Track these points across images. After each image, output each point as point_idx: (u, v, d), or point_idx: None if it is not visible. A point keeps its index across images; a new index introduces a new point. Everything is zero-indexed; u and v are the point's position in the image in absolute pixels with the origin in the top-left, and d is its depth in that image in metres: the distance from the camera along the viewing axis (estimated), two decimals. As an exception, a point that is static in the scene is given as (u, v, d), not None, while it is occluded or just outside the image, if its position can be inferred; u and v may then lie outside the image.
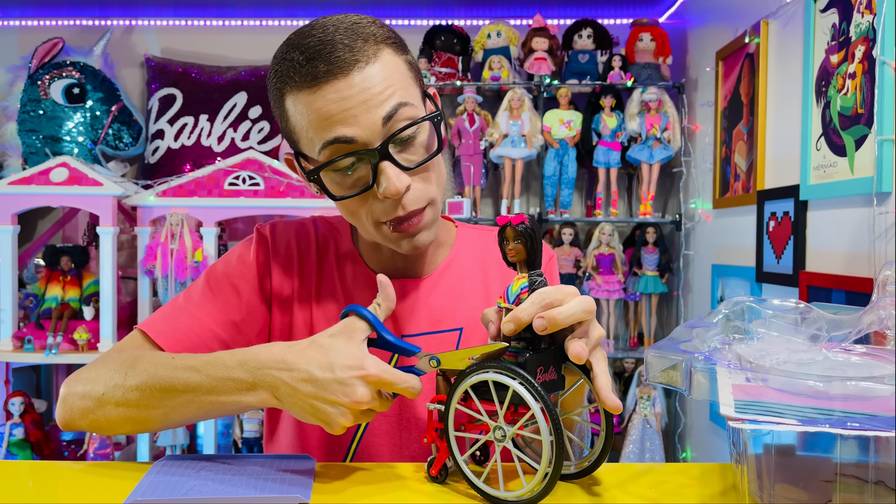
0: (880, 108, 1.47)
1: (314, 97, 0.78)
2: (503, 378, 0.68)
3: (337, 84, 0.78)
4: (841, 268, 1.66)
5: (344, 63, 0.78)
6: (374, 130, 0.78)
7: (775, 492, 0.64)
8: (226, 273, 0.95)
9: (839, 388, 0.57)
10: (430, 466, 0.76)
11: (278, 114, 0.85)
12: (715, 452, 2.46)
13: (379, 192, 0.80)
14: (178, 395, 0.78)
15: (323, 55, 0.78)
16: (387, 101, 0.79)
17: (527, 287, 0.71)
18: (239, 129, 2.90)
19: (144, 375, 0.80)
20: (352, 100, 0.78)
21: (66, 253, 2.66)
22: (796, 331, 0.70)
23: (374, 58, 0.79)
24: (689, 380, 0.64)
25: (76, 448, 2.74)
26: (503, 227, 0.72)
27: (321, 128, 0.79)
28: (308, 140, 0.81)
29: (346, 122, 0.78)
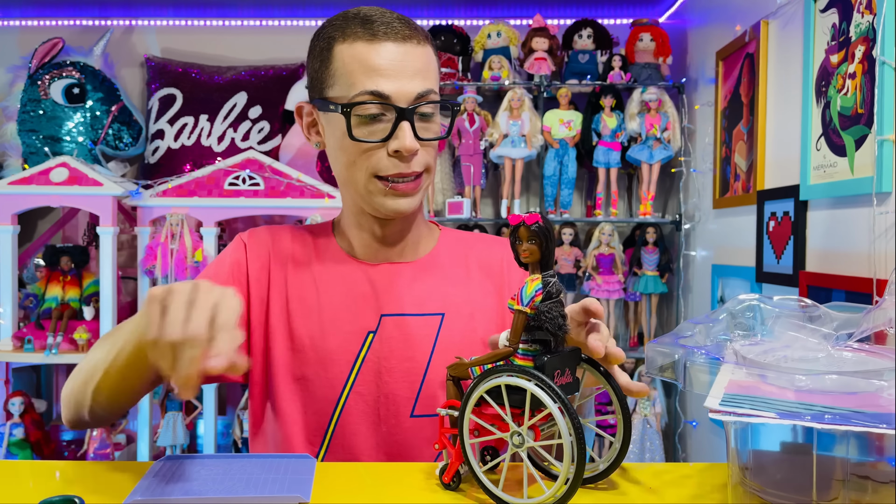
0: (880, 108, 1.47)
1: (368, 48, 0.90)
2: (518, 381, 0.66)
3: (391, 45, 0.90)
4: (841, 268, 1.66)
5: (401, 33, 0.91)
6: (407, 97, 0.90)
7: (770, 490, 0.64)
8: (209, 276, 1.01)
9: (818, 383, 0.57)
10: (443, 473, 0.75)
11: (318, 62, 0.95)
12: (715, 452, 2.46)
13: (392, 146, 0.90)
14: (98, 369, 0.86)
15: (382, 22, 0.91)
16: (423, 82, 0.91)
17: (541, 289, 0.68)
18: (239, 129, 2.90)
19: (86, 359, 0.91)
20: (399, 63, 0.90)
21: (66, 253, 2.66)
22: (809, 330, 0.70)
23: (422, 45, 0.93)
24: (685, 373, 0.64)
25: (76, 448, 2.74)
26: (516, 227, 0.70)
27: (366, 76, 0.89)
28: (347, 85, 0.91)
29: (388, 78, 0.89)
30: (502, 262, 1.07)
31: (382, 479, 0.78)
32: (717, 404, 0.56)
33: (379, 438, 0.97)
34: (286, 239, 1.05)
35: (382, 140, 0.91)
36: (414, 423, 0.97)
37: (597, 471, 0.74)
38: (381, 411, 0.97)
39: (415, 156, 0.92)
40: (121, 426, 2.69)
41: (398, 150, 0.90)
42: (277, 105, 2.91)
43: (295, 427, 0.98)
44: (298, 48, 3.04)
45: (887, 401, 0.54)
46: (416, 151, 0.92)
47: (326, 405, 0.97)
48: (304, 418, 0.98)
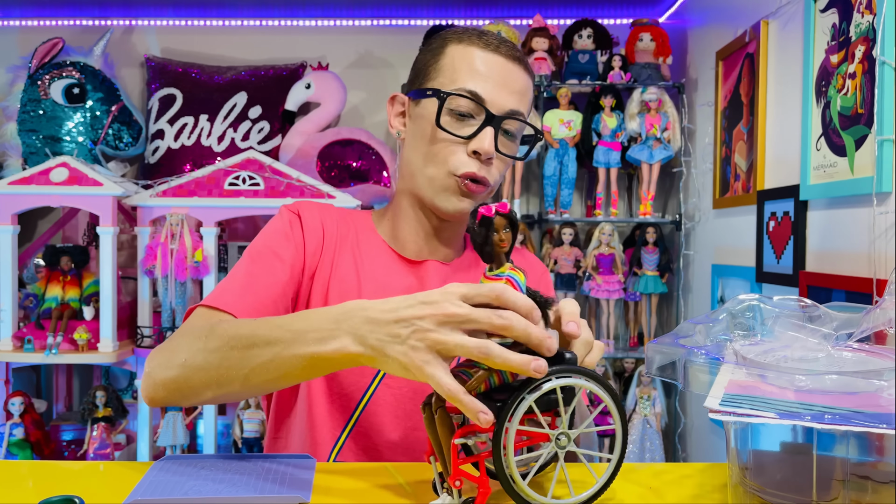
0: (880, 108, 1.47)
1: (483, 54, 0.96)
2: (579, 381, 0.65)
3: (501, 59, 0.97)
4: (841, 268, 1.66)
5: (513, 54, 0.98)
6: (500, 107, 0.96)
7: (770, 490, 0.64)
8: (266, 245, 1.00)
9: (818, 383, 0.57)
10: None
11: (430, 55, 1.00)
12: (715, 452, 2.46)
13: (472, 145, 0.94)
14: (259, 352, 0.74)
15: (499, 39, 0.98)
16: (519, 102, 0.98)
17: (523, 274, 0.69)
18: (239, 129, 2.90)
19: (225, 337, 0.78)
20: (503, 76, 0.96)
21: (66, 253, 2.66)
22: (809, 330, 0.70)
23: (527, 74, 1.00)
24: (685, 373, 0.64)
25: (76, 448, 2.74)
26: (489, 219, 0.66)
27: (470, 76, 0.95)
28: (450, 79, 0.96)
29: (489, 84, 0.95)
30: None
31: (383, 479, 0.78)
32: (717, 404, 0.56)
33: (402, 432, 0.97)
34: (335, 218, 1.06)
35: (466, 137, 0.95)
36: None
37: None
38: (408, 405, 0.98)
39: (490, 164, 0.96)
40: (121, 426, 2.69)
41: (477, 151, 0.94)
42: (277, 105, 2.91)
43: (320, 408, 0.98)
44: (298, 48, 3.05)
45: (887, 401, 0.54)
46: (492, 159, 0.96)
47: (355, 392, 0.98)
48: (329, 402, 0.98)
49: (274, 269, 0.97)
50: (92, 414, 2.58)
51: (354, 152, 2.88)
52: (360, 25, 3.07)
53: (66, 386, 2.98)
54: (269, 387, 0.80)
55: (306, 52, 3.03)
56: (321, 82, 2.85)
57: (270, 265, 0.97)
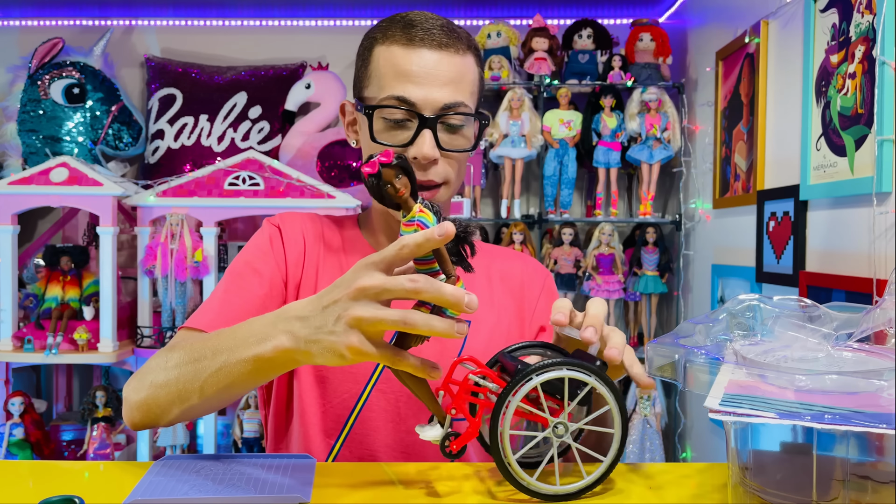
0: (880, 108, 1.47)
1: (403, 52, 0.91)
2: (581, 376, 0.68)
3: (426, 52, 0.91)
4: (841, 268, 1.66)
5: (439, 41, 0.91)
6: (434, 106, 0.91)
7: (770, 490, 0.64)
8: (246, 262, 1.00)
9: (818, 383, 0.57)
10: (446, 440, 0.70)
11: (361, 60, 0.97)
12: (715, 452, 2.46)
13: (410, 152, 0.91)
14: (209, 363, 0.76)
15: (423, 28, 0.91)
16: (454, 92, 0.91)
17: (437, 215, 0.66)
18: (239, 129, 2.90)
19: (181, 352, 0.80)
20: (430, 70, 0.90)
21: (66, 253, 2.66)
22: (809, 330, 0.70)
23: (462, 53, 0.93)
24: (684, 373, 0.64)
25: (76, 448, 2.74)
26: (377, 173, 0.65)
27: (396, 80, 0.91)
28: (378, 87, 0.93)
29: (417, 84, 0.90)
30: (522, 278, 1.09)
31: (383, 479, 0.78)
32: (717, 404, 0.56)
33: (397, 436, 0.98)
34: (318, 227, 1.06)
35: (403, 146, 0.91)
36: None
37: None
38: (403, 410, 0.98)
39: (434, 165, 0.92)
40: (121, 426, 2.69)
41: (416, 157, 0.91)
42: (277, 105, 2.91)
43: (313, 418, 0.98)
44: (298, 48, 3.05)
45: (887, 401, 0.54)
46: (436, 161, 0.92)
47: (348, 398, 0.97)
48: (322, 409, 0.98)
49: (251, 285, 0.97)
50: (92, 414, 2.58)
51: (354, 152, 2.88)
52: (360, 25, 3.07)
53: (66, 386, 2.98)
54: (224, 396, 0.79)
55: (306, 52, 3.03)
56: (321, 82, 2.85)
57: (248, 282, 0.97)
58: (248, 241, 1.06)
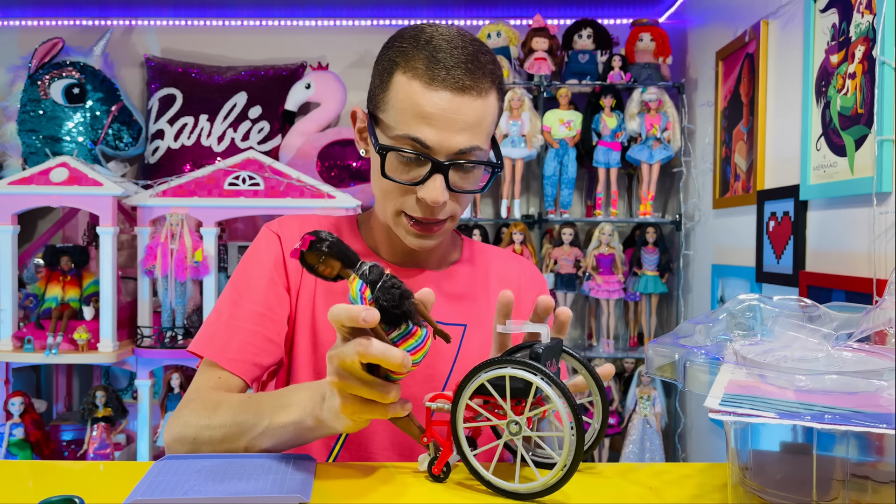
0: (880, 108, 1.47)
1: (423, 92, 0.88)
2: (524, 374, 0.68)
3: (447, 94, 0.88)
4: (841, 268, 1.66)
5: (461, 84, 0.88)
6: (448, 150, 0.89)
7: (770, 490, 0.64)
8: (247, 278, 1.00)
9: (818, 383, 0.57)
10: (432, 466, 0.76)
11: (380, 79, 0.93)
12: (715, 452, 2.46)
13: (420, 193, 0.90)
14: (251, 429, 0.83)
15: (447, 64, 0.88)
16: (470, 138, 0.89)
17: (363, 285, 0.67)
18: (239, 129, 2.90)
19: (226, 415, 0.86)
20: (449, 115, 0.88)
21: (66, 253, 2.66)
22: (809, 330, 0.70)
23: (483, 96, 0.90)
24: (684, 373, 0.64)
25: (76, 448, 2.74)
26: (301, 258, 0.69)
27: (413, 120, 0.88)
28: (394, 119, 0.90)
29: (434, 128, 0.88)
30: (519, 281, 1.09)
31: (382, 479, 0.78)
32: (717, 404, 0.56)
33: (395, 440, 0.99)
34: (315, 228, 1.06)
35: (413, 184, 0.90)
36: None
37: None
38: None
39: (443, 206, 0.92)
40: (121, 426, 2.69)
41: (424, 199, 0.90)
42: (277, 105, 2.91)
43: None
44: (298, 48, 3.05)
45: (887, 401, 0.54)
46: (444, 203, 0.91)
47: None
48: None
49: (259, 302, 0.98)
50: (92, 414, 2.58)
51: (354, 152, 2.88)
52: (360, 25, 3.07)
53: (66, 386, 2.98)
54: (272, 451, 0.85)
55: (306, 52, 3.03)
56: (321, 82, 2.85)
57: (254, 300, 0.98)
58: (247, 242, 1.06)
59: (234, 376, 0.94)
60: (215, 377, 0.95)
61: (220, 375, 0.94)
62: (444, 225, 0.95)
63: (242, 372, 0.95)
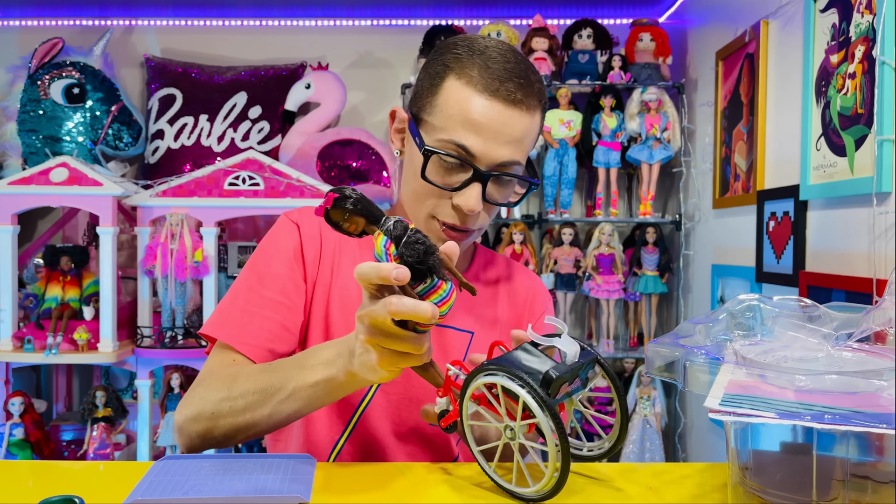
0: (880, 108, 1.47)
1: (475, 100, 0.89)
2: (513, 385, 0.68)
3: (499, 107, 0.89)
4: (841, 268, 1.66)
5: (514, 97, 0.89)
6: (490, 161, 0.90)
7: (770, 490, 0.64)
8: (267, 264, 1.00)
9: (818, 383, 0.57)
10: (441, 418, 0.77)
11: (429, 81, 0.93)
12: (715, 452, 2.46)
13: (456, 200, 0.91)
14: (277, 393, 0.82)
15: (501, 76, 0.89)
16: (513, 152, 0.90)
17: (388, 241, 0.68)
18: (239, 129, 2.90)
19: (246, 384, 0.85)
20: (498, 127, 0.89)
21: (66, 253, 2.66)
22: (809, 330, 0.70)
23: (531, 113, 0.91)
24: (684, 373, 0.65)
25: (76, 448, 2.74)
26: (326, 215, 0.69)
27: (461, 127, 0.89)
28: (441, 122, 0.90)
29: (481, 137, 0.88)
30: (527, 294, 1.10)
31: (382, 479, 0.78)
32: (717, 404, 0.56)
33: (400, 436, 0.99)
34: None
35: (451, 189, 0.91)
36: (435, 428, 0.98)
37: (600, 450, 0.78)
38: (404, 413, 0.99)
39: (476, 215, 0.93)
40: (121, 426, 2.69)
41: (460, 206, 0.91)
42: (277, 105, 2.91)
43: (319, 413, 0.99)
44: (298, 48, 3.05)
45: (887, 401, 0.54)
46: (478, 213, 0.92)
47: (354, 397, 0.98)
48: (327, 409, 0.98)
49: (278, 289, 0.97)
50: (92, 414, 2.58)
51: (354, 152, 2.88)
52: (360, 25, 3.07)
53: (66, 386, 2.98)
54: (293, 417, 0.85)
55: (306, 52, 3.03)
56: (321, 82, 2.85)
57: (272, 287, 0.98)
58: (248, 242, 1.06)
59: (248, 360, 0.93)
60: (229, 359, 0.93)
61: (235, 358, 0.93)
62: (472, 235, 0.96)
63: (257, 357, 0.94)
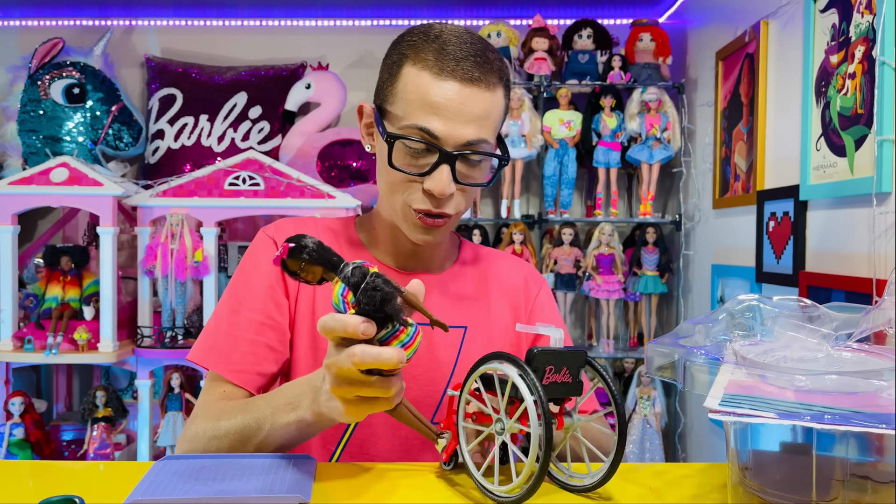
0: (880, 108, 1.47)
1: (432, 81, 0.88)
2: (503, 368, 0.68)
3: (456, 85, 0.88)
4: (841, 268, 1.66)
5: (471, 75, 0.88)
6: (456, 141, 0.89)
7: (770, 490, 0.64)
8: (246, 284, 1.00)
9: (818, 383, 0.57)
10: (442, 452, 0.78)
11: (389, 73, 0.93)
12: (715, 452, 2.46)
13: (427, 184, 0.90)
14: (255, 433, 0.85)
15: (457, 56, 0.88)
16: (478, 129, 0.89)
17: (345, 288, 0.68)
18: (239, 129, 2.90)
19: (228, 423, 0.87)
20: (458, 105, 0.88)
21: (66, 253, 2.66)
22: (809, 330, 0.70)
23: (492, 89, 0.90)
24: (684, 373, 0.65)
25: (76, 448, 2.74)
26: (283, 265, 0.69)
27: (421, 111, 0.88)
28: (402, 110, 0.90)
29: (442, 118, 0.88)
30: (519, 282, 1.10)
31: (382, 479, 0.78)
32: (716, 404, 0.56)
33: (396, 442, 0.99)
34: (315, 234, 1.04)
35: (420, 175, 0.90)
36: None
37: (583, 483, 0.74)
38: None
39: (450, 198, 0.92)
40: (121, 426, 2.69)
41: (431, 190, 0.90)
42: (277, 105, 2.91)
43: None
44: (298, 48, 3.05)
45: (887, 401, 0.54)
46: (451, 195, 0.91)
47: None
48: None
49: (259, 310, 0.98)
50: (92, 414, 2.58)
51: (354, 152, 2.88)
52: (360, 25, 3.07)
53: (66, 386, 2.98)
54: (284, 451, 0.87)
55: (306, 52, 3.03)
56: (321, 82, 2.85)
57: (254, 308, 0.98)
58: (248, 242, 1.06)
59: (238, 388, 0.95)
60: (220, 391, 0.95)
61: (224, 389, 0.95)
62: (450, 220, 0.95)
63: (246, 383, 0.95)
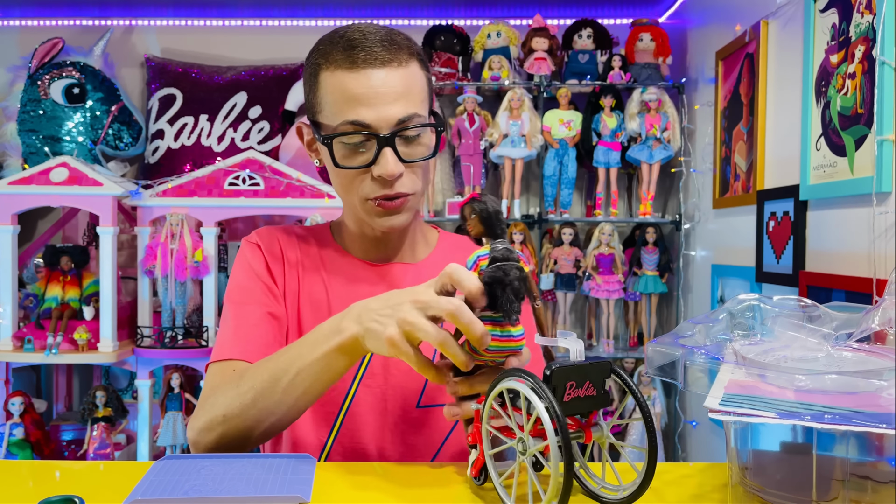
0: (880, 108, 1.47)
1: (348, 77, 0.91)
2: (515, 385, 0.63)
3: (371, 72, 0.91)
4: (841, 268, 1.66)
5: (382, 58, 0.91)
6: (388, 123, 0.91)
7: (770, 490, 0.64)
8: (241, 286, 1.03)
9: (818, 383, 0.57)
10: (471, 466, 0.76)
11: (309, 86, 0.97)
12: (715, 452, 2.46)
13: (375, 172, 0.92)
14: (286, 375, 0.83)
15: (364, 47, 0.91)
16: (405, 106, 0.92)
17: (486, 254, 0.72)
18: (239, 129, 2.90)
19: (254, 375, 0.86)
20: (378, 89, 0.90)
21: (66, 253, 2.66)
22: (809, 330, 0.70)
23: (405, 64, 0.93)
24: (684, 373, 0.64)
25: (76, 448, 2.74)
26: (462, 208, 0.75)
27: (347, 106, 0.91)
28: (331, 113, 0.93)
29: (368, 106, 0.90)
30: None
31: (382, 479, 0.78)
32: (717, 404, 0.56)
33: (385, 428, 1.01)
34: (293, 239, 1.08)
35: (366, 166, 0.93)
36: (420, 413, 1.01)
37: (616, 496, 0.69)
38: (389, 403, 1.01)
39: (399, 178, 0.94)
40: (121, 426, 2.69)
41: (381, 176, 0.92)
42: (277, 105, 2.91)
43: (304, 418, 1.00)
44: (298, 48, 3.03)
45: (887, 401, 0.54)
46: (401, 175, 0.93)
47: (336, 396, 1.00)
48: (312, 409, 1.00)
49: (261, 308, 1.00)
50: (92, 414, 2.58)
51: (354, 152, 2.88)
52: (360, 25, 3.06)
53: (66, 386, 2.98)
54: (304, 401, 0.86)
55: (306, 52, 3.01)
56: (321, 82, 2.85)
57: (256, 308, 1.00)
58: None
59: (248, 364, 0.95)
60: (230, 368, 0.95)
61: (235, 366, 0.95)
62: (409, 200, 0.97)
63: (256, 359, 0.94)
